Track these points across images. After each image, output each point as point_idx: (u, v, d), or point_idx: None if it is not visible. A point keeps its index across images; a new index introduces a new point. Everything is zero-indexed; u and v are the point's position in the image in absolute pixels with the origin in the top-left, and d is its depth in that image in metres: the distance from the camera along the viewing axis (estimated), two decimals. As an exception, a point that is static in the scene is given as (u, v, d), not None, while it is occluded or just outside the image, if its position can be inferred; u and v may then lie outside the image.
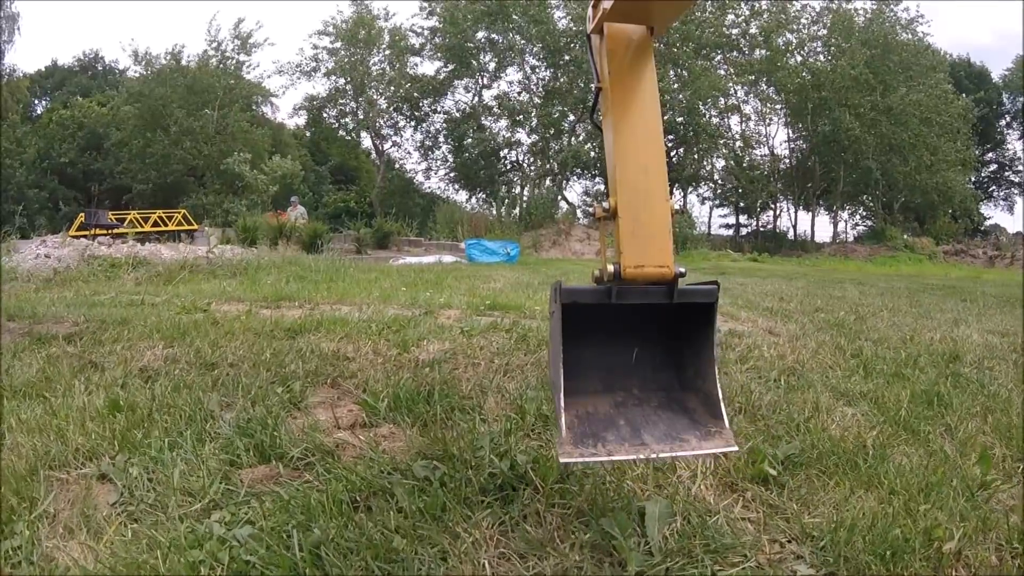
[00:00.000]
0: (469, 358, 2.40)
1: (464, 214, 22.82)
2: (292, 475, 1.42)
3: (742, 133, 30.62)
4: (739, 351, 2.83)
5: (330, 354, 2.43)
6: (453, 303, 3.88)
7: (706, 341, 1.20)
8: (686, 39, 26.11)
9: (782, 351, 2.98)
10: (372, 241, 17.74)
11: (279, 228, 13.90)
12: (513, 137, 29.53)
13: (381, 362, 2.33)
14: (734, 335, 3.17)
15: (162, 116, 28.28)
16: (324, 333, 2.80)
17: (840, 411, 2.20)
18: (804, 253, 26.44)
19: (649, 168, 1.15)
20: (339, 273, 6.49)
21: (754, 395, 2.16)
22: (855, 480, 1.60)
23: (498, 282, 6.20)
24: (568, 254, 20.72)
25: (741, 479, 1.50)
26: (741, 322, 3.73)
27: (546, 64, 28.32)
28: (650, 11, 1.20)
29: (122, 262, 8.08)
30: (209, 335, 3.03)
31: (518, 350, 2.53)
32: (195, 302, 4.20)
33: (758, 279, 9.61)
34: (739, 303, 4.73)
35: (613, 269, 1.09)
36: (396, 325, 2.95)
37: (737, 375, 2.42)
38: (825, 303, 5.51)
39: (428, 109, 30.66)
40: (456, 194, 31.62)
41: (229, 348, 2.72)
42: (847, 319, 4.56)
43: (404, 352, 2.46)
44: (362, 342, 2.60)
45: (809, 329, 3.84)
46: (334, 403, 1.95)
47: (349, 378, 2.16)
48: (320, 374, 2.21)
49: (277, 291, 4.23)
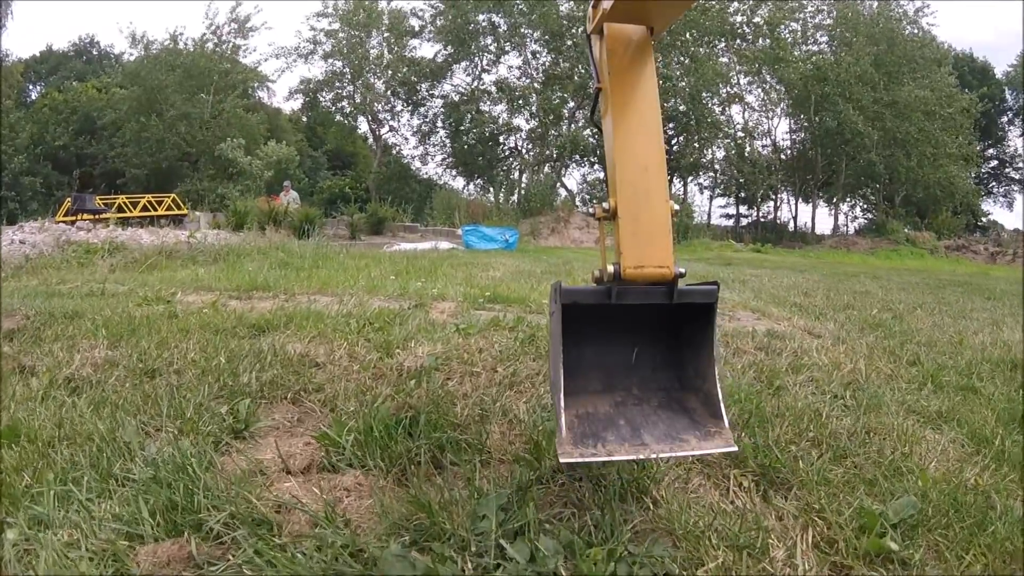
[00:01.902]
0: (466, 365, 1.95)
1: (461, 200, 22.34)
2: (210, 554, 0.98)
3: (744, 123, 30.17)
4: (787, 357, 2.39)
5: (296, 358, 1.98)
6: (448, 294, 3.41)
7: (706, 341, 1.18)
8: (690, 25, 25.55)
9: (834, 357, 2.55)
10: (366, 227, 17.24)
11: (270, 213, 13.39)
12: (512, 122, 29.00)
13: (357, 370, 1.88)
14: (775, 336, 2.73)
15: (157, 100, 27.64)
16: (294, 331, 2.35)
17: (929, 440, 1.78)
18: (804, 245, 26.24)
19: (649, 168, 1.14)
20: (326, 259, 6.02)
21: (827, 420, 1.72)
22: (993, 548, 1.17)
23: (497, 271, 5.73)
24: (567, 242, 20.24)
25: (851, 556, 1.06)
26: (775, 320, 3.29)
27: (547, 49, 27.73)
28: (650, 11, 1.18)
29: (98, 248, 7.61)
30: (161, 332, 2.58)
31: (525, 354, 2.08)
32: (159, 292, 3.74)
33: (768, 270, 9.18)
34: (763, 298, 4.29)
35: (613, 269, 1.08)
36: (380, 321, 2.49)
37: (796, 390, 1.99)
38: (852, 299, 5.09)
39: (426, 93, 30.08)
40: (453, 180, 31.15)
41: (179, 350, 2.27)
42: (883, 318, 4.14)
43: (386, 356, 2.01)
44: (337, 343, 2.15)
45: (850, 329, 3.41)
46: (291, 428, 1.51)
47: (315, 392, 1.71)
48: (279, 386, 1.77)
49: (252, 279, 3.76)
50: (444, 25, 27.63)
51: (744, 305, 3.63)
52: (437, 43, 28.73)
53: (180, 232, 8.71)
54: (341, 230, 16.91)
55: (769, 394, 2.04)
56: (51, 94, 32.59)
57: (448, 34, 27.60)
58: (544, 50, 28.02)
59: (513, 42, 27.77)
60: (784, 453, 1.47)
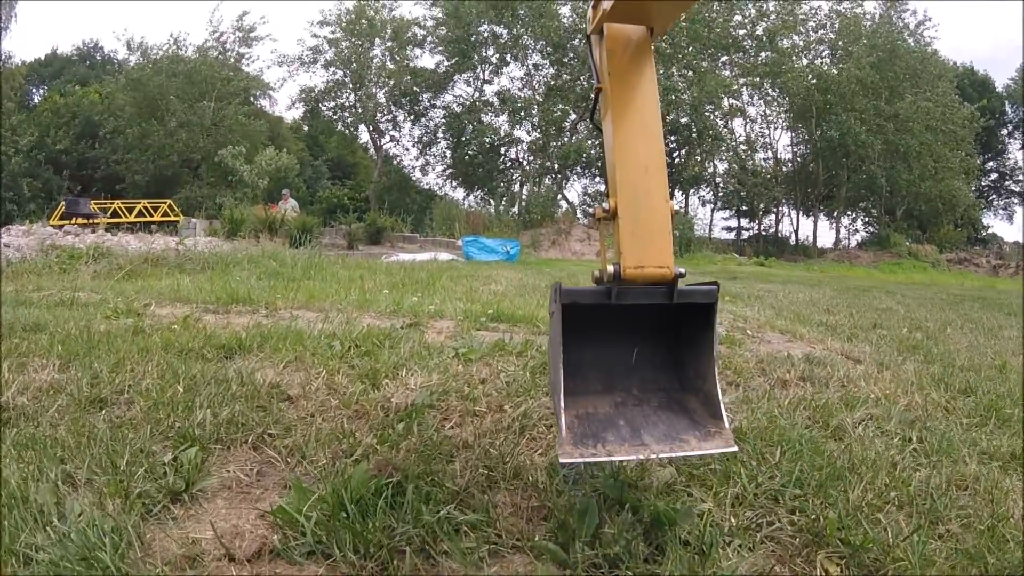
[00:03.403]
0: (466, 401, 1.64)
1: (461, 211, 22.09)
2: None
3: (747, 136, 30.03)
4: (836, 389, 2.08)
5: (264, 390, 1.66)
6: (446, 311, 3.08)
7: (706, 341, 1.17)
8: (693, 39, 25.48)
9: (885, 388, 2.24)
10: (364, 236, 16.94)
11: (267, 220, 13.10)
12: (513, 134, 28.82)
13: (335, 406, 1.56)
14: (814, 363, 2.42)
15: (159, 106, 27.44)
16: (267, 354, 2.03)
17: (1015, 491, 1.48)
18: (807, 258, 26.04)
19: (649, 168, 1.14)
20: (319, 270, 5.70)
21: (904, 473, 1.41)
22: None
23: (499, 284, 5.41)
24: (568, 254, 19.97)
25: None
26: (809, 343, 2.98)
27: (550, 61, 27.64)
28: (650, 11, 1.18)
29: (83, 253, 7.31)
30: (120, 352, 2.27)
31: (537, 388, 1.76)
32: (132, 303, 3.43)
33: (778, 285, 8.88)
34: (787, 316, 3.97)
35: (613, 269, 1.07)
36: (367, 343, 2.17)
37: (858, 432, 1.68)
38: (876, 317, 4.78)
39: (428, 103, 29.92)
40: (454, 191, 30.91)
41: (134, 374, 1.96)
42: (916, 338, 3.84)
43: (372, 388, 1.69)
44: (315, 370, 1.84)
45: (887, 352, 3.11)
46: (246, 487, 1.20)
47: (281, 436, 1.40)
48: (240, 427, 1.45)
49: (233, 291, 3.45)
50: (446, 36, 27.53)
51: (771, 325, 3.32)
52: (439, 54, 28.66)
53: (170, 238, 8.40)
54: (339, 239, 16.61)
55: (827, 436, 1.73)
56: (53, 98, 32.46)
57: (450, 44, 27.50)
58: (546, 62, 27.93)
59: (514, 53, 27.66)
60: (873, 525, 1.16)
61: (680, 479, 1.25)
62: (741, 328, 3.15)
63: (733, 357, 2.36)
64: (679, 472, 1.27)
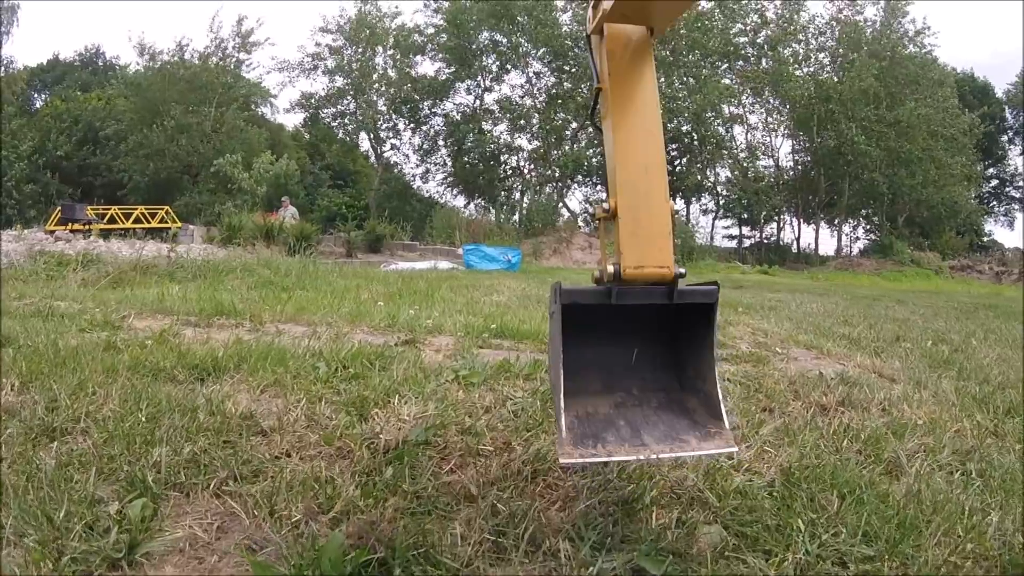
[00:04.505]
0: (468, 437, 1.42)
1: (462, 219, 21.92)
2: None
3: (748, 144, 29.92)
4: (879, 414, 1.87)
5: (236, 420, 1.44)
6: (445, 326, 2.85)
7: (706, 342, 1.15)
8: (693, 46, 25.41)
9: (930, 411, 2.02)
10: (363, 244, 16.74)
11: (265, 228, 12.91)
12: (514, 142, 28.69)
13: (315, 442, 1.34)
14: (849, 383, 2.20)
15: (159, 112, 27.34)
16: (244, 376, 1.81)
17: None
18: (809, 266, 25.85)
19: (649, 168, 1.13)
20: (314, 279, 5.47)
21: (977, 520, 1.20)
22: None
23: (502, 294, 5.19)
24: (570, 263, 19.77)
25: None
26: (837, 359, 2.76)
27: (550, 69, 27.55)
28: (650, 12, 1.17)
29: (71, 260, 7.11)
30: (85, 371, 2.05)
31: (549, 420, 1.53)
32: (111, 315, 3.21)
33: (786, 294, 8.67)
34: (805, 328, 3.75)
35: (613, 269, 1.07)
36: (357, 364, 1.94)
37: (915, 468, 1.46)
38: (896, 328, 4.57)
39: (428, 111, 29.81)
40: (455, 199, 30.75)
41: (95, 399, 1.75)
42: (943, 352, 3.63)
43: (359, 420, 1.47)
44: (296, 396, 1.62)
45: (920, 369, 2.89)
46: (201, 551, 0.98)
47: (249, 480, 1.19)
48: (203, 468, 1.24)
49: (218, 302, 3.22)
50: (446, 44, 27.45)
51: (794, 339, 3.10)
52: (439, 61, 28.58)
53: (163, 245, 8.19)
54: (338, 247, 16.41)
55: (881, 471, 1.51)
56: (54, 103, 32.40)
57: (450, 52, 27.41)
58: (547, 70, 27.84)
59: (513, 61, 27.58)
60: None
61: (730, 540, 1.03)
62: (764, 343, 2.94)
63: (763, 378, 2.14)
64: (727, 530, 1.06)
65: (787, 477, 1.31)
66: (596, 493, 1.16)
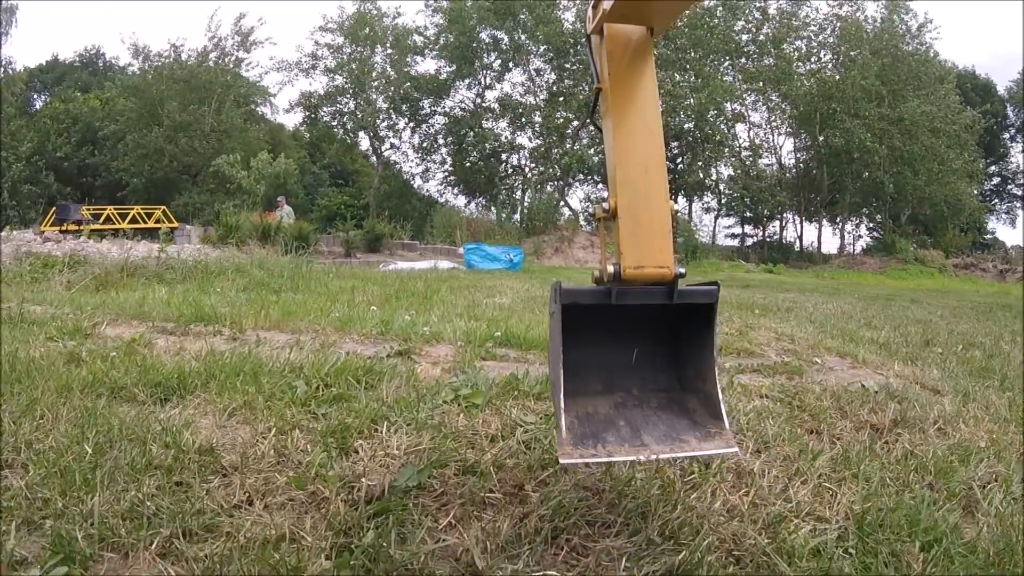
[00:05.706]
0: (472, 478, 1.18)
1: (462, 218, 21.68)
2: None
3: (751, 142, 29.66)
4: (936, 436, 1.63)
5: (194, 456, 1.21)
6: (444, 333, 2.60)
7: (706, 341, 1.15)
8: (696, 44, 25.16)
9: (989, 429, 1.79)
10: (362, 244, 16.49)
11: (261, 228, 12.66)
12: (515, 141, 28.43)
13: (283, 485, 1.11)
14: (896, 398, 1.97)
15: (158, 112, 27.09)
16: (212, 395, 1.58)
17: None
18: (812, 264, 25.62)
19: (649, 168, 1.12)
20: (308, 280, 5.23)
21: None
22: None
23: (505, 296, 4.94)
24: (571, 262, 19.52)
25: None
26: (876, 368, 2.52)
27: (551, 67, 27.29)
28: (650, 11, 1.17)
29: (58, 261, 6.88)
30: (36, 391, 1.82)
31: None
32: (82, 321, 2.98)
33: (796, 294, 8.43)
34: (833, 333, 3.51)
35: (613, 269, 1.06)
36: (341, 382, 1.70)
37: (993, 505, 1.23)
38: (922, 331, 4.33)
39: (428, 110, 29.54)
40: (455, 198, 30.49)
41: (43, 423, 1.52)
42: (976, 357, 3.39)
43: (339, 454, 1.24)
44: (266, 422, 1.38)
45: (961, 378, 2.66)
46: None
47: (200, 537, 0.95)
48: (147, 520, 1.00)
49: (198, 307, 2.98)
50: (447, 43, 27.19)
51: (824, 346, 2.86)
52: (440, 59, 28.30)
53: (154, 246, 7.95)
54: (337, 247, 16.18)
55: (955, 505, 1.28)
56: (53, 103, 32.21)
57: (452, 51, 27.15)
58: (548, 68, 27.58)
59: (516, 59, 27.33)
60: None
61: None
62: (792, 350, 2.70)
63: (802, 393, 1.91)
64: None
65: (860, 526, 1.07)
66: (636, 559, 0.92)
